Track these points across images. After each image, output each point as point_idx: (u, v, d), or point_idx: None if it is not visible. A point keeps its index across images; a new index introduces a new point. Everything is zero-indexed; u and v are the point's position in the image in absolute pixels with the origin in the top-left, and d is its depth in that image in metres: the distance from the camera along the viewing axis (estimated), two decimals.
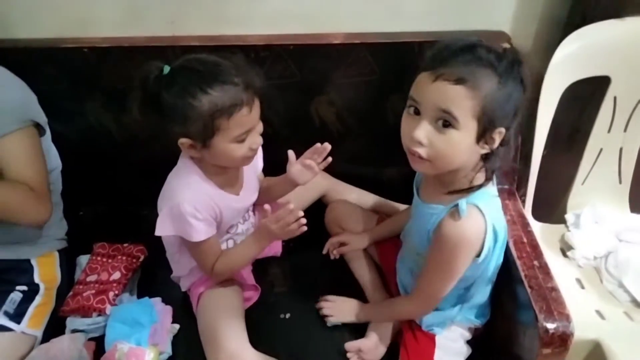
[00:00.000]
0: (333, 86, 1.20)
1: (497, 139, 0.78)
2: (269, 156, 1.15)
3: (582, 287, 1.11)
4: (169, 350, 1.05)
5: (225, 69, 0.86)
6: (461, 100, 0.74)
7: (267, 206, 0.94)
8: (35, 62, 1.11)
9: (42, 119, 1.08)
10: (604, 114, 1.12)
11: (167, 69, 0.84)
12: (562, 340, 0.82)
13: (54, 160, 1.16)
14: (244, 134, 0.89)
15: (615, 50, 1.04)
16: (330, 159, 1.06)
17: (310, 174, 1.06)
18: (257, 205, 1.17)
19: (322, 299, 1.11)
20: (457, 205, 0.81)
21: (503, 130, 0.78)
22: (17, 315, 1.01)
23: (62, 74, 1.15)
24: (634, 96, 1.10)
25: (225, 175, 0.99)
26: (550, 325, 0.82)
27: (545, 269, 0.90)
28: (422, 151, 0.79)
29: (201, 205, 0.93)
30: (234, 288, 1.09)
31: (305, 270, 1.22)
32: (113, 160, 1.30)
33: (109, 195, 1.34)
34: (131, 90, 1.14)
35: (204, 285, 1.07)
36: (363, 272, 1.15)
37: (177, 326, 1.09)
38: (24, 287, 1.06)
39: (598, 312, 1.04)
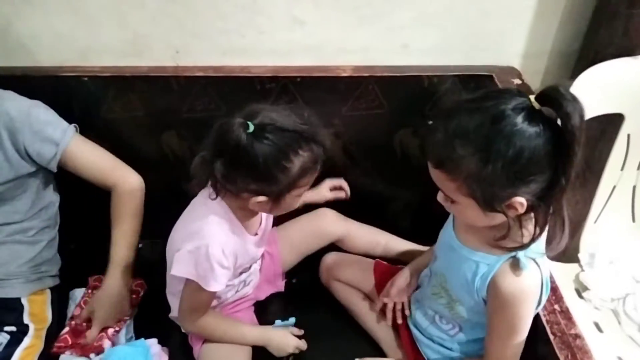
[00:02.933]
0: (340, 119, 1.17)
1: (519, 208, 0.69)
2: None
3: (601, 331, 1.06)
4: None
5: (310, 128, 0.84)
6: (444, 182, 0.72)
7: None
8: (34, 90, 1.07)
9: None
10: (617, 152, 1.10)
11: (252, 126, 0.78)
12: None
13: (53, 194, 1.12)
14: (305, 188, 0.89)
15: (628, 88, 1.03)
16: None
17: (332, 196, 1.15)
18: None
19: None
20: (513, 257, 0.76)
21: (519, 199, 0.68)
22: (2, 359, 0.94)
23: (61, 102, 1.11)
24: None
25: (252, 218, 0.96)
26: None
27: (567, 314, 0.85)
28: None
29: (229, 252, 0.89)
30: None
31: (309, 309, 1.16)
32: (108, 193, 1.25)
33: (102, 228, 1.28)
34: (136, 121, 1.14)
35: None
36: (373, 325, 1.08)
37: None
38: (12, 328, 0.99)
39: (620, 358, 0.99)
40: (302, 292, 1.20)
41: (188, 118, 1.16)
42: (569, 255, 1.22)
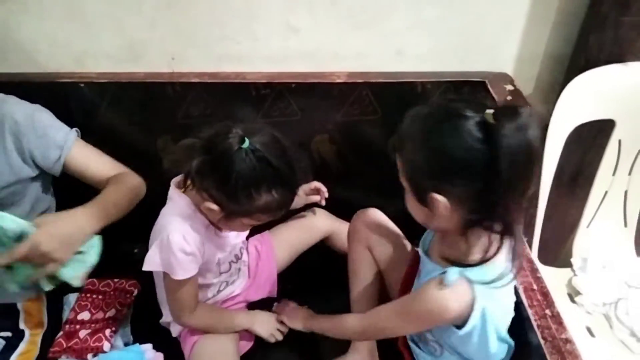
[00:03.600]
0: (334, 125, 1.18)
1: (438, 206, 0.69)
2: None
3: (593, 336, 1.07)
4: None
5: (295, 177, 0.85)
6: (398, 162, 0.75)
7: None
8: (32, 95, 1.07)
9: None
10: (609, 157, 1.11)
11: (247, 143, 0.79)
12: None
13: (51, 199, 1.12)
14: (256, 223, 0.91)
15: (619, 94, 1.04)
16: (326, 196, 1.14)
17: (306, 200, 1.14)
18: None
19: (281, 302, 1.12)
20: (445, 271, 0.74)
21: (440, 197, 0.68)
22: None
23: (59, 108, 1.12)
24: (638, 139, 1.09)
25: None
26: None
27: (558, 318, 0.86)
28: None
29: (191, 238, 0.89)
30: (229, 335, 1.04)
31: None
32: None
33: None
34: (132, 126, 1.15)
35: (197, 332, 1.02)
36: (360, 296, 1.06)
37: None
38: (8, 334, 1.00)
39: None
40: (295, 298, 1.20)
41: (184, 123, 1.16)
42: (561, 260, 1.23)
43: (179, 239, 0.88)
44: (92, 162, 1.04)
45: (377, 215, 1.06)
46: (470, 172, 0.65)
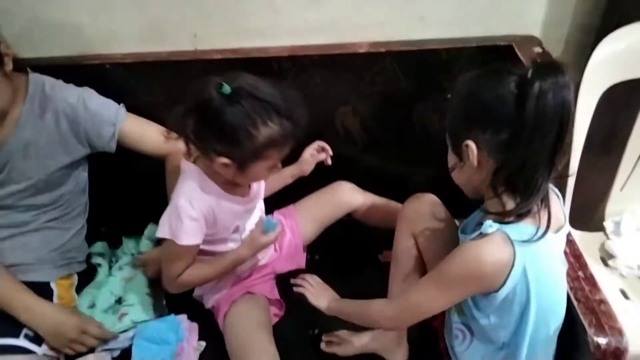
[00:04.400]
0: (358, 96, 1.18)
1: (471, 155, 0.72)
2: None
3: (627, 298, 1.05)
4: None
5: (286, 103, 0.85)
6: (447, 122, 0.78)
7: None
8: (59, 79, 1.10)
9: None
10: None
11: (227, 88, 0.81)
12: (616, 356, 0.77)
13: (86, 179, 1.15)
14: (277, 162, 0.91)
15: None
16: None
17: (313, 160, 1.11)
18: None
19: (304, 276, 1.08)
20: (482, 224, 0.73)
21: (470, 143, 0.72)
22: (38, 338, 0.99)
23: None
24: None
25: (233, 184, 0.97)
26: (602, 340, 0.77)
27: (591, 280, 0.85)
28: None
29: (197, 202, 0.91)
30: (260, 303, 1.06)
31: (333, 283, 1.17)
32: (136, 178, 1.28)
33: (130, 213, 1.32)
34: (158, 106, 1.16)
35: (229, 301, 1.05)
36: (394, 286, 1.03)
37: (203, 343, 1.06)
38: None
39: None
40: (324, 268, 1.21)
41: None
42: (594, 224, 1.21)
43: (186, 204, 0.90)
44: (144, 134, 1.07)
45: (429, 203, 0.96)
46: (500, 120, 0.69)
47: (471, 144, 0.72)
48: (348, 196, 1.19)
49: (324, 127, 1.20)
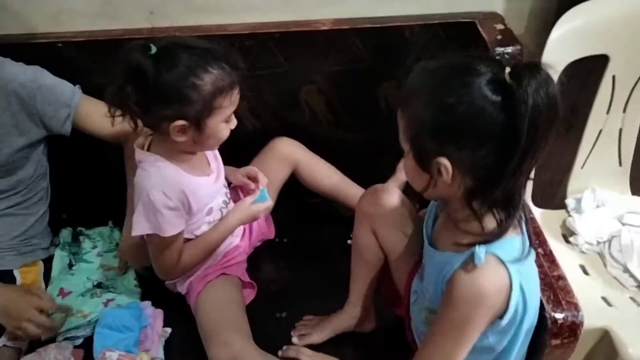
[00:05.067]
0: (322, 75, 1.15)
1: (444, 172, 0.64)
2: (256, 149, 1.10)
3: (587, 274, 1.08)
4: (160, 355, 1.00)
5: (219, 49, 0.84)
6: (400, 121, 0.69)
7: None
8: (8, 58, 1.05)
9: None
10: (603, 95, 1.09)
11: (153, 49, 0.79)
12: (572, 330, 0.78)
13: (46, 162, 1.11)
14: (229, 115, 0.88)
15: (613, 28, 1.01)
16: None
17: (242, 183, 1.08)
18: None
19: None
20: (471, 253, 0.67)
21: (443, 161, 0.63)
22: None
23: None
24: (633, 75, 1.07)
25: (191, 160, 0.95)
26: (559, 315, 0.78)
27: (550, 257, 0.86)
28: None
29: (170, 191, 0.89)
30: (233, 282, 1.04)
31: (301, 267, 1.17)
32: (95, 160, 1.24)
33: (92, 197, 1.28)
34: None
35: (203, 282, 1.03)
36: (358, 275, 1.00)
37: (168, 330, 1.04)
38: None
39: (604, 298, 1.02)
40: (292, 252, 1.20)
41: None
42: (556, 202, 1.23)
43: (160, 195, 0.87)
44: (100, 116, 0.98)
45: (387, 196, 0.90)
46: (481, 135, 0.61)
47: (445, 162, 0.63)
48: (287, 148, 1.14)
49: (288, 107, 1.18)
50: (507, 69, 0.60)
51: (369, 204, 0.91)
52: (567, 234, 1.16)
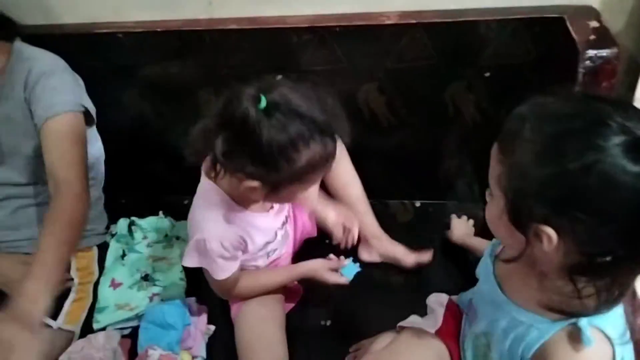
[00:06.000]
0: (384, 73, 1.07)
1: (545, 241, 0.53)
2: None
3: None
4: (203, 354, 1.00)
5: (328, 118, 0.74)
6: (494, 162, 0.58)
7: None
8: (70, 48, 1.06)
9: (92, 108, 1.05)
10: None
11: (264, 102, 0.69)
12: None
13: (98, 150, 1.14)
14: (309, 187, 0.82)
15: None
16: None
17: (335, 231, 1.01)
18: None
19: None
20: (573, 325, 0.59)
21: (549, 230, 0.53)
22: (54, 312, 1.00)
23: (98, 61, 1.11)
24: None
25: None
26: None
27: (633, 301, 0.75)
28: None
29: (229, 242, 0.86)
30: (275, 297, 1.02)
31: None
32: (152, 149, 1.25)
33: (149, 185, 1.30)
34: (170, 78, 1.11)
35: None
36: None
37: (212, 327, 1.04)
38: None
39: None
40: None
41: (224, 75, 1.10)
42: None
43: (217, 246, 0.84)
44: (56, 146, 0.94)
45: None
46: (607, 213, 0.50)
47: (550, 232, 0.53)
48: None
49: (345, 107, 1.10)
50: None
51: None
52: None
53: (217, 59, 1.09)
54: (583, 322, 0.57)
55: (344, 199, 1.07)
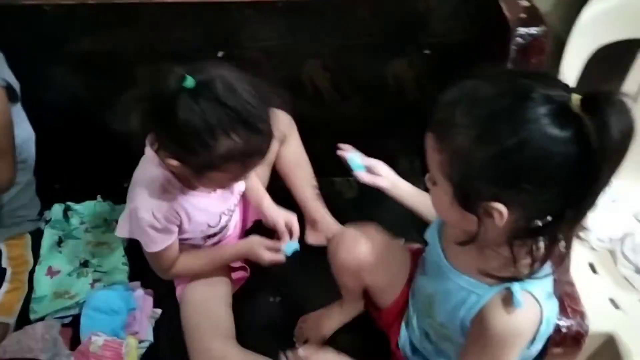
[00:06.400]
0: (329, 50, 1.08)
1: (497, 217, 0.57)
2: None
3: (595, 272, 1.03)
4: (149, 338, 0.98)
5: (257, 111, 0.72)
6: (431, 151, 0.60)
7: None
8: None
9: (14, 82, 0.98)
10: (632, 81, 1.01)
11: (191, 82, 0.69)
12: (575, 340, 0.75)
13: (27, 130, 1.06)
14: (239, 178, 0.82)
15: None
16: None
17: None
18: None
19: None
20: (507, 289, 0.63)
21: (499, 206, 0.56)
22: None
23: (23, 35, 1.03)
24: None
25: None
26: (563, 324, 0.75)
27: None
28: None
29: (161, 214, 0.84)
30: (220, 276, 1.01)
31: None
32: (85, 129, 1.19)
33: (85, 167, 1.24)
34: (104, 57, 1.06)
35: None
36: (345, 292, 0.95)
37: (158, 311, 1.02)
38: None
39: (612, 300, 0.98)
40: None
41: (163, 50, 1.06)
42: None
43: (147, 216, 0.82)
44: None
45: (364, 245, 0.84)
46: (547, 178, 0.53)
47: (500, 208, 0.56)
48: (282, 124, 1.04)
49: (289, 84, 1.11)
50: (575, 97, 0.51)
51: (347, 256, 0.85)
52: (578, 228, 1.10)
53: (156, 35, 1.04)
54: (515, 286, 0.62)
55: (291, 182, 1.08)
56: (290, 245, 0.94)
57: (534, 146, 0.52)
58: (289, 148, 1.07)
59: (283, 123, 1.05)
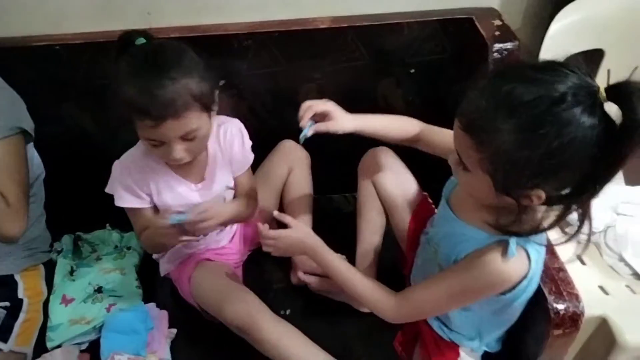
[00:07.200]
0: (321, 73, 1.16)
1: (535, 200, 0.64)
2: (256, 149, 1.10)
3: (583, 264, 1.10)
4: (168, 357, 1.01)
5: (163, 72, 0.79)
6: (467, 149, 0.66)
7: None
8: (5, 62, 1.03)
9: (30, 125, 1.02)
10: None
11: (140, 41, 0.83)
12: (573, 320, 0.81)
13: (37, 167, 1.10)
14: (154, 142, 0.84)
15: (609, 23, 1.03)
16: None
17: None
18: None
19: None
20: (504, 241, 0.70)
21: (539, 192, 0.63)
22: (3, 333, 0.96)
23: (34, 74, 1.09)
24: (628, 68, 1.08)
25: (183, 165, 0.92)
26: (561, 306, 0.80)
27: (550, 248, 0.88)
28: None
29: (129, 172, 0.92)
30: (225, 265, 1.06)
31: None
32: (94, 162, 1.23)
33: (93, 199, 1.27)
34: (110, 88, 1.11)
35: (187, 269, 1.03)
36: (365, 236, 1.06)
37: (174, 331, 1.05)
38: (7, 303, 1.01)
39: (601, 287, 1.04)
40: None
41: None
42: None
43: (120, 172, 0.92)
44: None
45: (386, 154, 1.04)
46: (579, 162, 0.60)
47: (540, 193, 0.63)
48: (292, 152, 1.17)
49: (287, 106, 1.18)
50: (602, 88, 0.59)
51: (369, 160, 1.05)
52: (564, 225, 1.17)
53: None
54: (512, 239, 0.69)
55: (286, 202, 1.16)
56: (174, 217, 0.92)
57: (575, 143, 0.58)
58: (294, 177, 1.16)
59: (296, 156, 1.16)
